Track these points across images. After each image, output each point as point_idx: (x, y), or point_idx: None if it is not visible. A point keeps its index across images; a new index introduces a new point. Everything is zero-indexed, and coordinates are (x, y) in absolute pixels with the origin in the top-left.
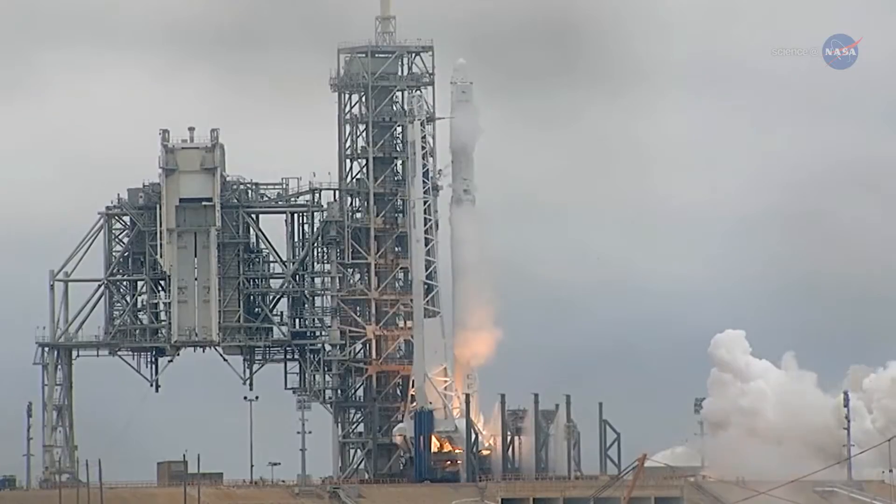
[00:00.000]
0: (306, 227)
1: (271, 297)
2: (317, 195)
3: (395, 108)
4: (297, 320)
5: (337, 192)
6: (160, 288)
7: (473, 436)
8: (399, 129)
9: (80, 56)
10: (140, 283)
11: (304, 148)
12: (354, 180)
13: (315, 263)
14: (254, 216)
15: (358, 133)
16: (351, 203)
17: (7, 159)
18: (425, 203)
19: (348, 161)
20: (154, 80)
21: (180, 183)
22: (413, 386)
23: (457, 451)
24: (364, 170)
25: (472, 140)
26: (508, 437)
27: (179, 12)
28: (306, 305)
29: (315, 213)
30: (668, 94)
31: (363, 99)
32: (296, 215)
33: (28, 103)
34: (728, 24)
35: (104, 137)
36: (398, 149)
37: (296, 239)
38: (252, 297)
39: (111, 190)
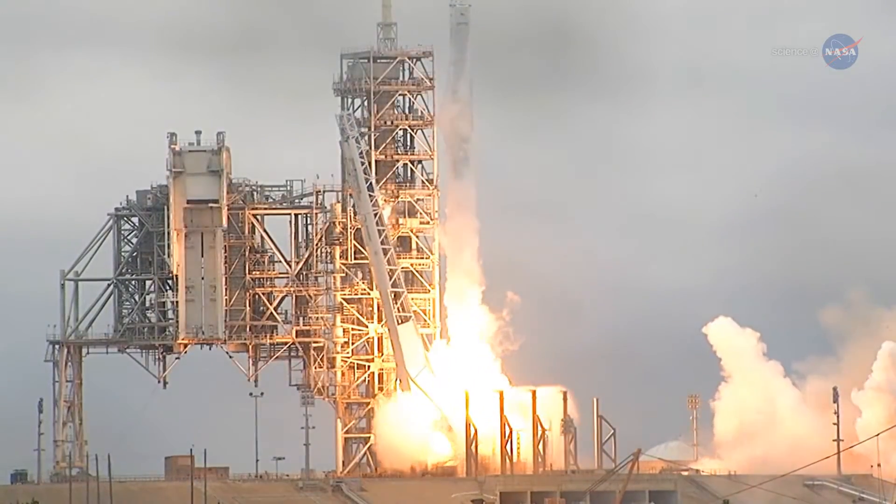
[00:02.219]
0: (310, 227)
1: (276, 296)
2: (320, 197)
3: (396, 112)
4: (301, 319)
5: (340, 194)
6: (168, 287)
7: (472, 431)
8: (400, 133)
9: (88, 60)
10: (148, 283)
11: (307, 151)
12: None
13: (319, 263)
14: (259, 217)
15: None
16: (354, 205)
17: (19, 162)
18: (376, 216)
19: (350, 164)
20: (161, 84)
21: (187, 185)
22: (399, 388)
23: (454, 447)
24: None
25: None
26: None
27: (186, 17)
28: (310, 304)
29: (319, 215)
30: (668, 94)
31: (365, 103)
32: (300, 216)
33: (38, 107)
34: (727, 25)
35: (113, 141)
36: (399, 152)
37: (300, 239)
38: (257, 296)
39: (120, 192)
